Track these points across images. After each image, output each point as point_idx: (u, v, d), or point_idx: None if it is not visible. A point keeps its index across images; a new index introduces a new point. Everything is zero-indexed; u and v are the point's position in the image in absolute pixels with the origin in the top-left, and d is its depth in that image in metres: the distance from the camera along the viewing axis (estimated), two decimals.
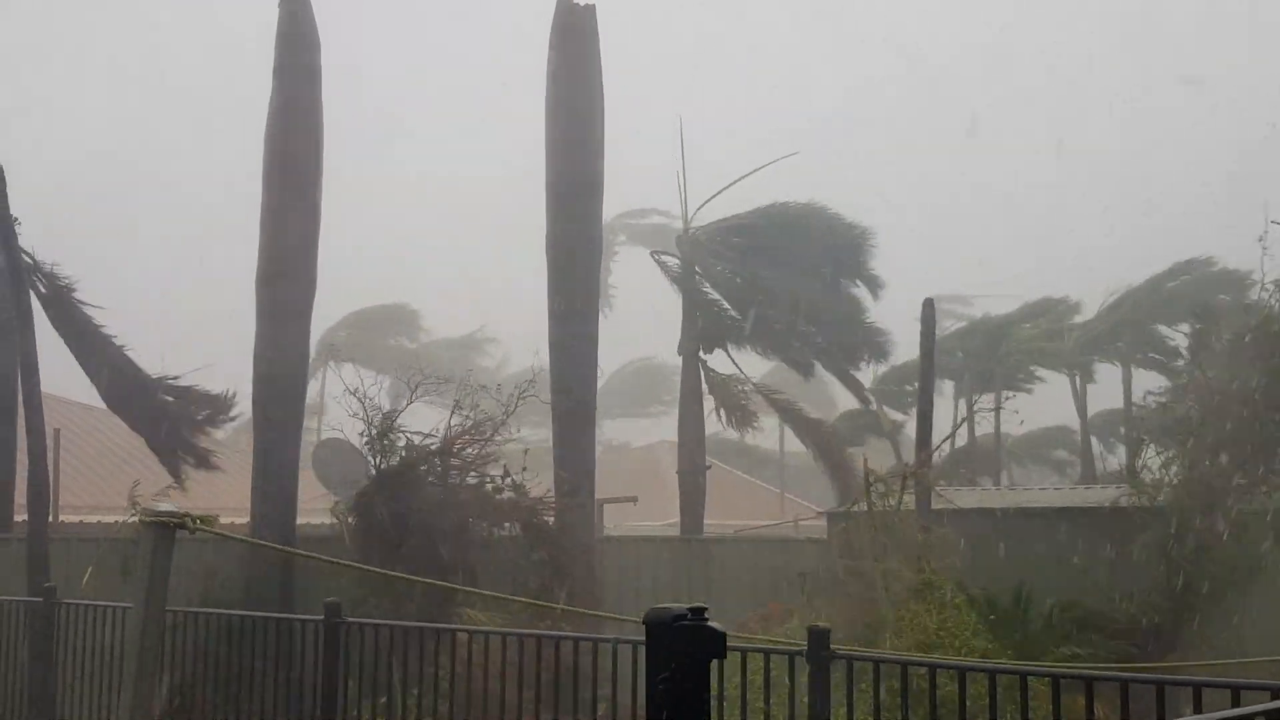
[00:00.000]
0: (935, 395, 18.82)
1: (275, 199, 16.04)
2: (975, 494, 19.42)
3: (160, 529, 6.81)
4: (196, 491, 21.47)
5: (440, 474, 15.68)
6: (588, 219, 17.82)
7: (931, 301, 16.70)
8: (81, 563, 14.20)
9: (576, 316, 17.45)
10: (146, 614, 7.05)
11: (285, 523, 15.51)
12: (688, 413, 24.40)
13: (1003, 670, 6.61)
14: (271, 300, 15.92)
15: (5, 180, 14.18)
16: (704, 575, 18.31)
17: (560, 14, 17.79)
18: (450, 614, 13.94)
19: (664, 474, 36.69)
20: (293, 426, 16.00)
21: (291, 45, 16.32)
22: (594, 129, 17.74)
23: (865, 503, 14.73)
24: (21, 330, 14.24)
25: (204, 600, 13.95)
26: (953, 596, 13.65)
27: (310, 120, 16.32)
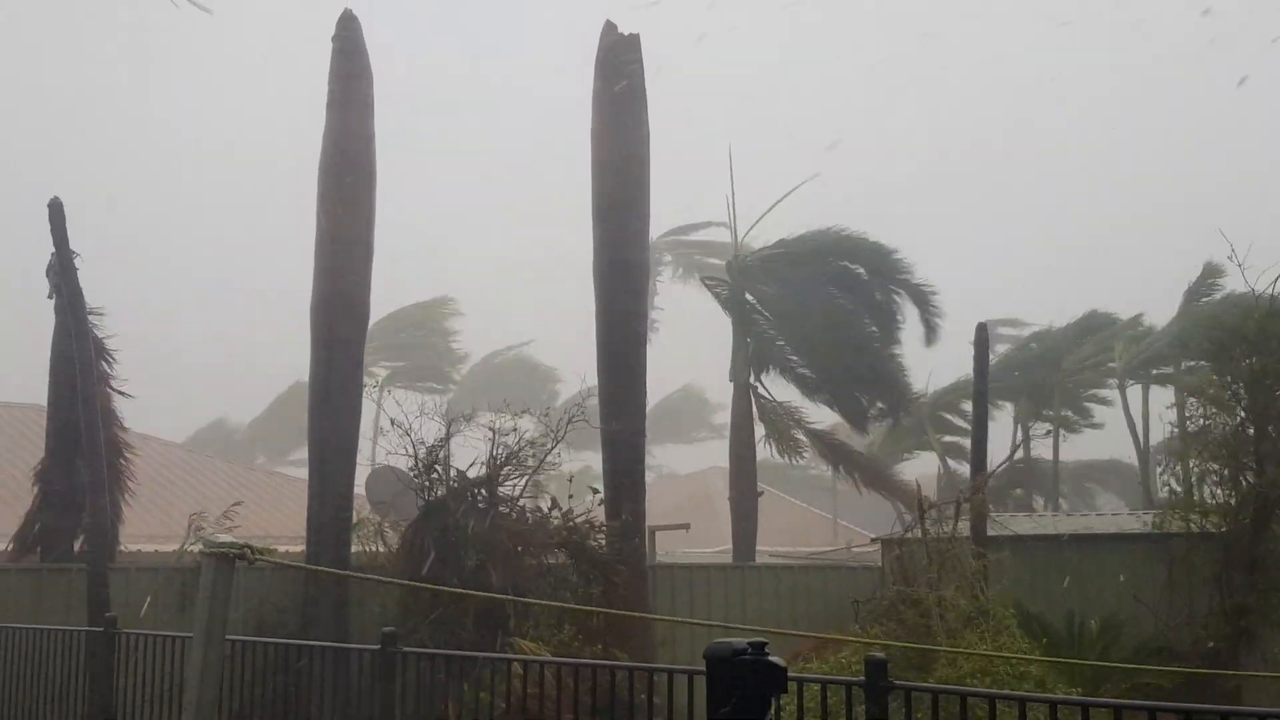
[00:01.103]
0: (991, 416, 18.73)
1: (330, 229, 16.21)
2: (1031, 520, 19.24)
3: (220, 559, 6.87)
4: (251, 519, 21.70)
5: (488, 502, 15.74)
6: (634, 244, 17.86)
7: (984, 325, 16.59)
8: (141, 592, 14.38)
9: (624, 341, 17.48)
10: (207, 643, 7.11)
11: (340, 551, 15.61)
12: (738, 439, 24.38)
13: (1064, 701, 6.53)
14: (326, 330, 16.07)
15: (64, 215, 14.43)
16: (756, 603, 18.24)
17: (604, 42, 17.91)
18: (503, 644, 13.96)
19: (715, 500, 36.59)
20: (347, 455, 16.12)
21: (343, 78, 16.52)
22: (639, 154, 17.80)
23: (919, 529, 14.65)
24: (81, 364, 14.46)
25: (260, 628, 14.08)
26: (1008, 623, 13.53)
27: (363, 151, 16.50)
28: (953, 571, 14.21)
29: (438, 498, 15.68)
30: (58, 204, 14.38)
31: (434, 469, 15.73)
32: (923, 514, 14.80)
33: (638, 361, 17.58)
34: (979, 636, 13.15)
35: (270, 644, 10.52)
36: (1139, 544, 15.71)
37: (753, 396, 24.50)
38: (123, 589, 14.31)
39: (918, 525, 14.76)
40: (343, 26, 16.58)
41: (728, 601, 18.25)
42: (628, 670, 8.82)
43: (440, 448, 15.91)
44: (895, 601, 14.36)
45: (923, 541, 14.58)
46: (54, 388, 16.18)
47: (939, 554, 14.30)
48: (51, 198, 14.38)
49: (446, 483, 15.74)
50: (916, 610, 14.06)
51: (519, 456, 15.80)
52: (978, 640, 13.00)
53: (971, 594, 13.91)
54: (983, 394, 16.43)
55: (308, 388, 16.30)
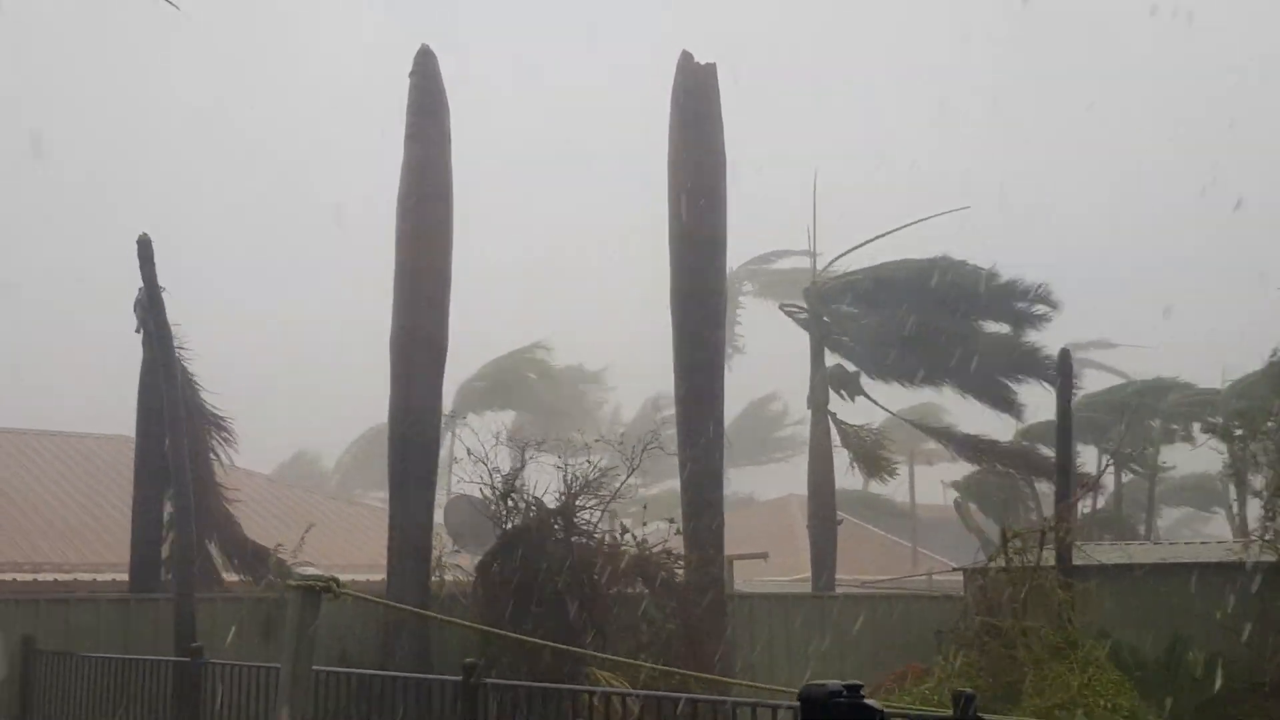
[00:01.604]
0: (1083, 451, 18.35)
1: (408, 262, 16.37)
2: (1118, 549, 18.87)
3: (306, 592, 6.95)
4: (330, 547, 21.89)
5: (564, 531, 15.77)
6: (712, 273, 17.86)
7: (1068, 352, 16.37)
8: (225, 622, 14.56)
9: (703, 371, 17.45)
10: (294, 674, 7.18)
11: (420, 581, 15.70)
12: (817, 465, 24.20)
13: None
14: (405, 363, 16.23)
15: (153, 251, 14.73)
16: (836, 633, 18.06)
17: (681, 72, 17.96)
18: (580, 673, 13.95)
19: (794, 528, 36.34)
20: (426, 485, 16.23)
21: (421, 113, 16.72)
22: (717, 184, 17.81)
23: (1003, 558, 14.45)
24: (168, 396, 14.72)
25: (342, 659, 14.19)
26: (1096, 654, 13.28)
27: (442, 184, 16.66)
28: (1038, 602, 13.99)
29: (516, 527, 15.74)
30: (146, 240, 14.69)
31: (510, 498, 15.81)
32: (1006, 543, 14.60)
33: (715, 389, 17.54)
34: (1067, 668, 12.93)
35: (353, 674, 10.59)
36: (1233, 574, 15.34)
37: (831, 421, 24.32)
38: (208, 619, 14.50)
39: (1001, 554, 14.56)
40: (420, 61, 16.79)
41: (807, 632, 18.07)
42: (709, 703, 8.76)
43: (515, 476, 15.99)
44: (979, 632, 14.18)
45: (1006, 571, 14.37)
46: (141, 420, 16.48)
47: (1023, 584, 14.09)
48: (140, 234, 14.70)
49: (524, 511, 15.81)
50: (1000, 640, 13.86)
51: (594, 485, 15.83)
52: (1066, 672, 12.78)
53: (1058, 624, 13.69)
54: (1066, 420, 16.17)
55: (387, 418, 16.45)
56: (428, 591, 15.77)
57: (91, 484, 27.04)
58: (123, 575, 16.81)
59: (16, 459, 27.80)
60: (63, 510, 25.32)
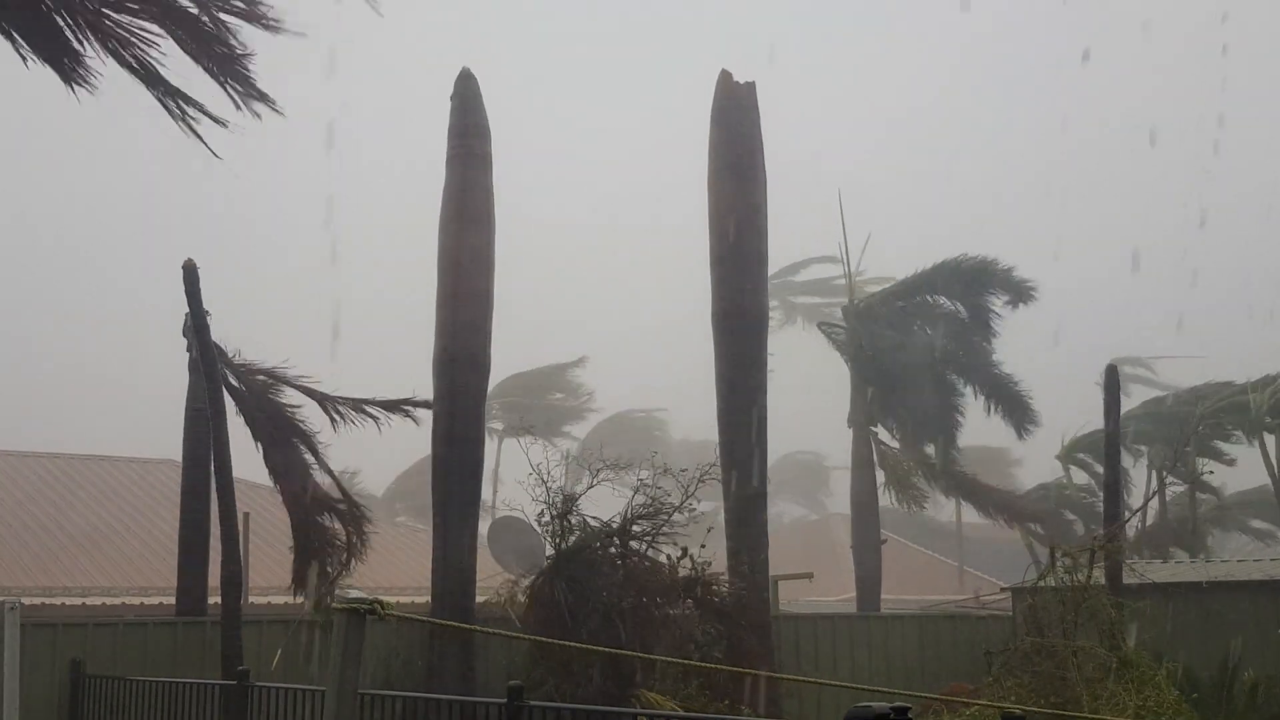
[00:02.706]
0: (1128, 464, 18.19)
1: (451, 284, 16.41)
2: (1169, 567, 18.62)
3: (352, 614, 6.93)
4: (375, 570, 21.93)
5: (619, 553, 15.75)
6: (753, 292, 17.80)
7: (1115, 368, 16.17)
8: (272, 645, 14.59)
9: (745, 391, 17.38)
10: (339, 697, 7.17)
11: (464, 602, 15.69)
12: (858, 485, 24.05)
13: None
14: (449, 383, 16.25)
15: (198, 276, 14.83)
16: (883, 653, 17.89)
17: (721, 91, 17.96)
18: (629, 695, 13.89)
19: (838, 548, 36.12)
20: (470, 506, 16.23)
21: (463, 135, 16.77)
22: (757, 203, 17.77)
23: (1052, 577, 14.26)
24: (214, 420, 14.80)
25: (387, 682, 14.18)
26: (1152, 674, 13.07)
27: (482, 207, 16.70)
28: (1089, 621, 13.80)
29: (569, 547, 15.73)
30: (192, 265, 14.77)
31: (567, 518, 15.82)
32: (1054, 561, 14.41)
33: (758, 410, 17.46)
34: (1122, 688, 12.73)
35: (399, 697, 10.57)
36: None
37: (872, 442, 24.17)
38: (255, 641, 14.53)
39: (1050, 573, 14.37)
40: (461, 84, 16.86)
41: (853, 652, 17.93)
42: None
43: (576, 497, 16.03)
44: (1029, 652, 13.99)
45: (1056, 590, 14.19)
46: (188, 444, 16.57)
47: (1074, 603, 13.90)
48: (186, 259, 14.79)
49: (579, 531, 15.81)
50: (1052, 661, 13.67)
51: (653, 510, 15.83)
52: (1121, 691, 12.58)
53: (1110, 644, 13.49)
54: (1115, 438, 15.98)
55: (430, 440, 16.47)
56: (472, 613, 15.74)
57: (140, 508, 27.29)
58: (170, 599, 16.91)
59: (66, 483, 28.10)
60: (111, 534, 25.56)
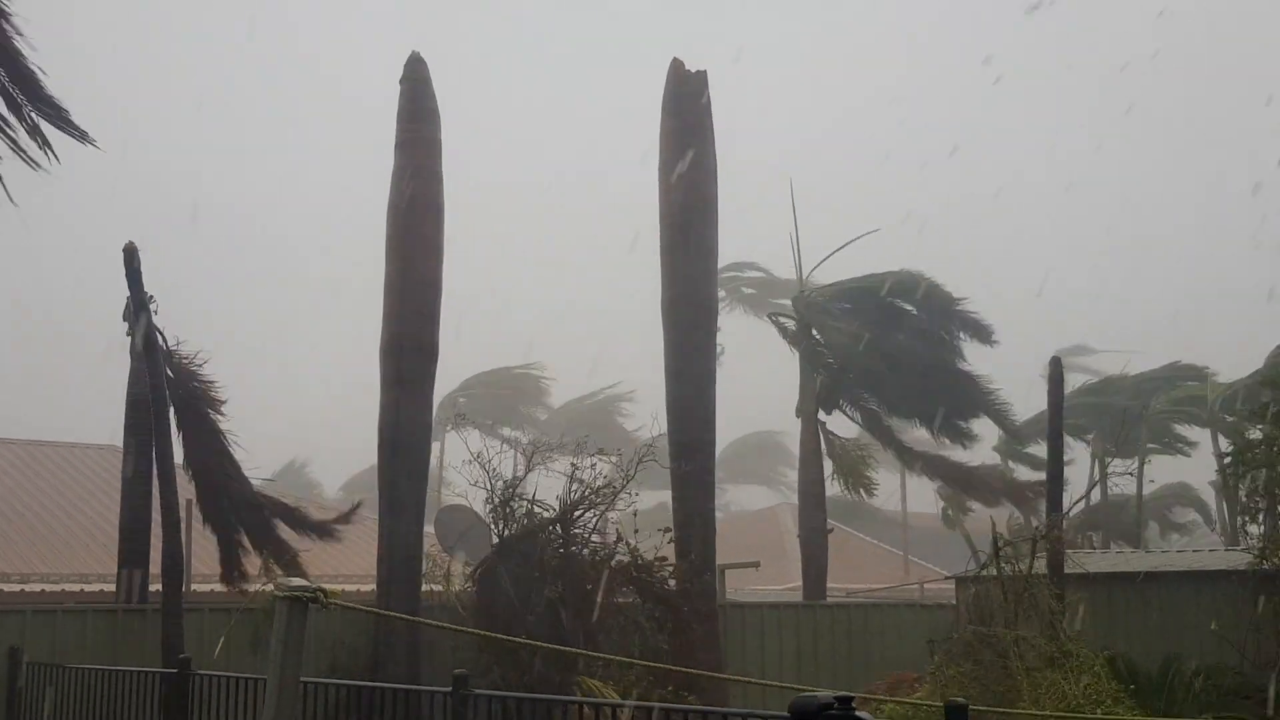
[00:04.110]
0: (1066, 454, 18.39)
1: (398, 270, 16.31)
2: (1110, 558, 18.84)
3: (293, 603, 6.86)
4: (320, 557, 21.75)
5: (561, 540, 15.72)
6: (702, 281, 17.82)
7: (1059, 360, 16.33)
8: (214, 633, 14.45)
9: (693, 378, 17.41)
10: (281, 686, 7.10)
11: (410, 591, 15.61)
12: (807, 475, 24.13)
13: None
14: (395, 370, 16.14)
15: (139, 260, 14.64)
16: (828, 642, 18.00)
17: (672, 80, 17.95)
18: (571, 682, 13.88)
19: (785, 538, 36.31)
20: (417, 494, 16.15)
21: (412, 119, 16.65)
22: (707, 191, 17.79)
23: (995, 567, 14.37)
24: (156, 406, 14.62)
25: (332, 669, 14.09)
26: (1092, 663, 13.21)
27: (431, 192, 16.59)
28: (1031, 610, 13.93)
29: (513, 534, 15.69)
30: (132, 249, 14.59)
31: (510, 504, 15.76)
32: (997, 551, 14.53)
33: (707, 399, 17.49)
34: (1062, 676, 12.86)
35: (343, 685, 10.50)
36: (1224, 582, 15.29)
37: (820, 432, 24.27)
38: (196, 630, 14.39)
39: (993, 563, 14.49)
40: (411, 68, 16.73)
41: (799, 641, 18.03)
42: (700, 713, 8.71)
43: (519, 483, 15.97)
44: (971, 641, 14.10)
45: (998, 580, 14.30)
46: (130, 430, 16.36)
47: (1015, 593, 14.02)
48: (126, 242, 14.60)
49: (521, 519, 15.76)
50: (994, 650, 13.78)
51: (592, 496, 15.80)
52: (1061, 681, 12.70)
53: (1051, 634, 13.62)
54: (1058, 430, 16.14)
55: (377, 427, 16.37)
56: (418, 601, 15.68)
57: (81, 494, 26.91)
58: (111, 586, 16.70)
59: (4, 469, 27.67)
60: (51, 520, 25.19)
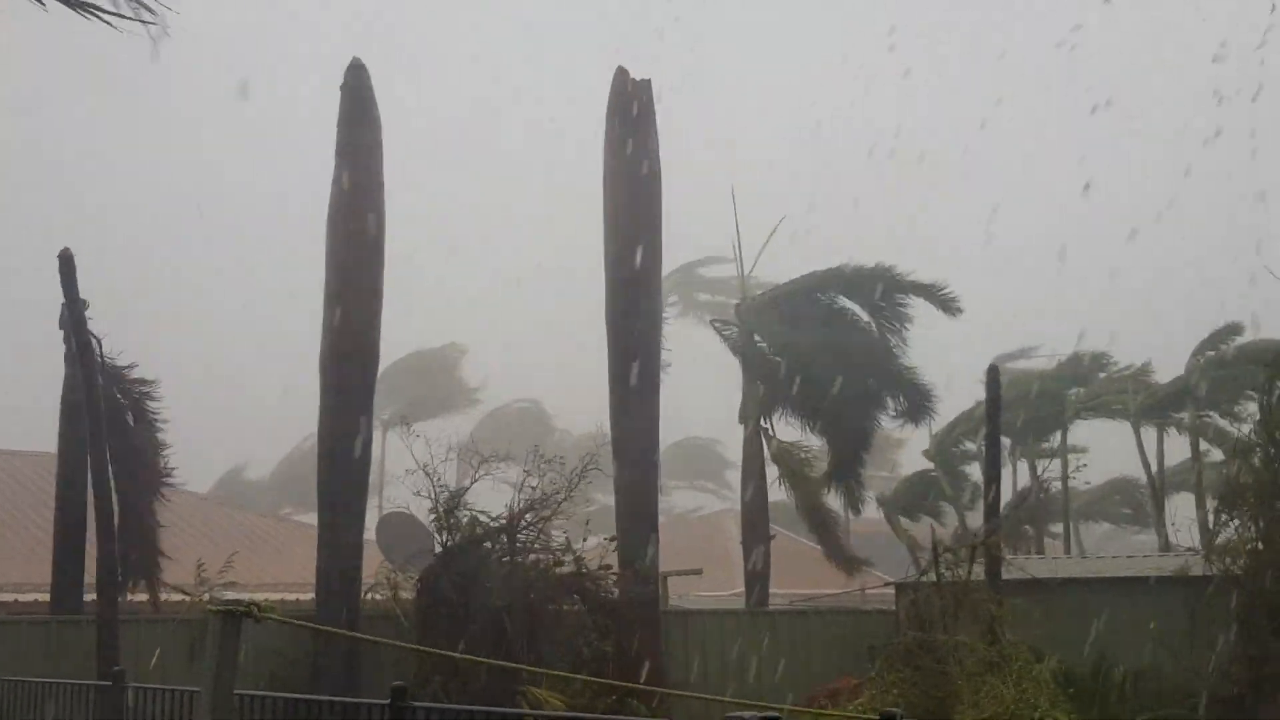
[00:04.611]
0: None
1: (339, 279, 16.20)
2: (1047, 563, 19.04)
3: (227, 617, 6.80)
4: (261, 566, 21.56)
5: (505, 549, 15.67)
6: (646, 288, 17.83)
7: (996, 367, 16.50)
8: (149, 643, 14.26)
9: (636, 385, 17.40)
10: (215, 700, 7.04)
11: (350, 601, 15.49)
12: (750, 481, 24.18)
13: None
14: (336, 379, 16.03)
15: (74, 267, 14.44)
16: (771, 648, 18.05)
17: (616, 87, 17.95)
18: (515, 692, 13.83)
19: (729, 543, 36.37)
20: (357, 505, 16.04)
21: (353, 126, 16.55)
22: (651, 198, 17.81)
23: (934, 573, 14.51)
24: (91, 412, 14.42)
25: (271, 681, 13.94)
26: (1029, 668, 13.36)
27: (372, 199, 16.49)
28: (969, 616, 14.06)
29: (456, 543, 15.60)
30: (68, 255, 14.39)
31: (454, 514, 15.67)
32: (937, 558, 14.66)
33: (650, 405, 17.50)
34: (1001, 681, 12.99)
35: (278, 698, 10.39)
36: (1160, 587, 15.51)
37: (763, 438, 24.34)
38: (133, 641, 14.20)
39: (932, 569, 14.63)
40: (351, 75, 16.63)
41: (741, 648, 18.05)
42: None
43: (463, 493, 15.88)
44: (911, 646, 14.21)
45: (938, 585, 14.43)
46: (64, 438, 16.15)
47: (954, 599, 14.16)
48: (62, 249, 14.40)
49: (466, 528, 15.68)
50: (933, 655, 13.90)
51: (538, 505, 15.76)
52: (1000, 685, 12.83)
53: (990, 638, 13.76)
54: (995, 436, 16.31)
55: (317, 436, 16.25)
56: (358, 611, 15.56)
57: (14, 502, 26.47)
58: (45, 596, 16.46)
59: None
60: None
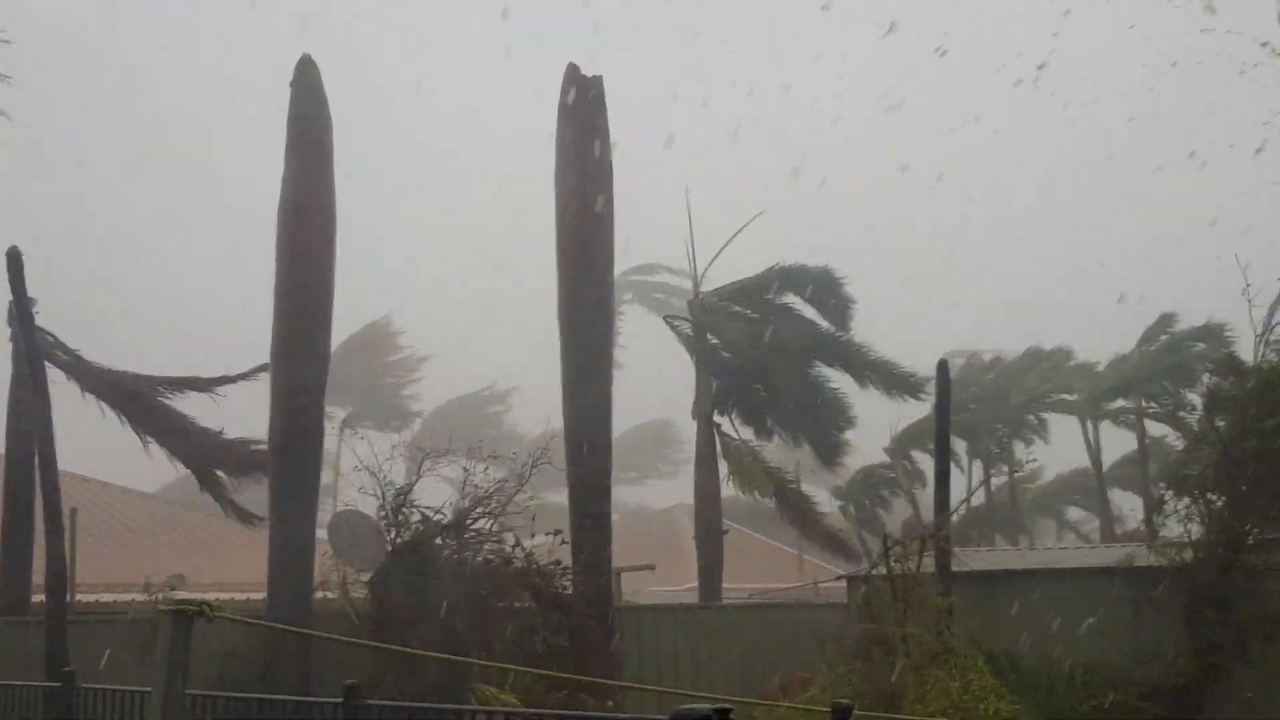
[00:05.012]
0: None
1: (289, 274, 16.13)
2: (994, 555, 19.28)
3: (178, 616, 6.80)
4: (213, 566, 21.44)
5: (455, 547, 15.68)
6: (598, 284, 17.88)
7: (945, 364, 16.68)
8: (99, 644, 14.16)
9: (589, 381, 17.46)
10: (166, 700, 7.03)
11: (302, 599, 15.45)
12: (703, 476, 24.32)
13: None
14: (286, 375, 15.97)
15: (23, 264, 14.31)
16: (724, 643, 18.17)
17: (568, 83, 17.97)
18: (467, 689, 13.85)
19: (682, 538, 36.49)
20: (309, 502, 15.99)
21: (303, 124, 16.48)
22: (603, 195, 17.85)
23: (885, 566, 14.65)
24: (40, 411, 14.30)
25: (222, 680, 13.88)
26: (975, 660, 13.53)
27: (323, 197, 16.44)
28: (918, 609, 14.21)
29: (406, 541, 15.59)
30: (15, 253, 14.27)
31: (401, 512, 15.66)
32: (887, 551, 14.80)
33: (603, 402, 17.56)
34: (947, 674, 13.15)
35: (232, 698, 10.37)
36: (1105, 579, 15.74)
37: (716, 434, 24.48)
38: (82, 642, 14.09)
39: (883, 562, 14.76)
40: (301, 72, 16.56)
41: (694, 643, 18.16)
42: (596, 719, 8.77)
43: (408, 490, 15.86)
44: (862, 639, 14.35)
45: (888, 579, 14.57)
46: (11, 439, 16.00)
47: (904, 591, 14.30)
48: (9, 247, 14.27)
49: (414, 527, 15.67)
50: (883, 648, 14.04)
51: (487, 501, 15.77)
52: (946, 678, 12.99)
53: (937, 631, 13.91)
54: (945, 433, 16.49)
55: (267, 433, 16.18)
56: (310, 610, 15.51)
57: None
58: None
59: None
60: None
